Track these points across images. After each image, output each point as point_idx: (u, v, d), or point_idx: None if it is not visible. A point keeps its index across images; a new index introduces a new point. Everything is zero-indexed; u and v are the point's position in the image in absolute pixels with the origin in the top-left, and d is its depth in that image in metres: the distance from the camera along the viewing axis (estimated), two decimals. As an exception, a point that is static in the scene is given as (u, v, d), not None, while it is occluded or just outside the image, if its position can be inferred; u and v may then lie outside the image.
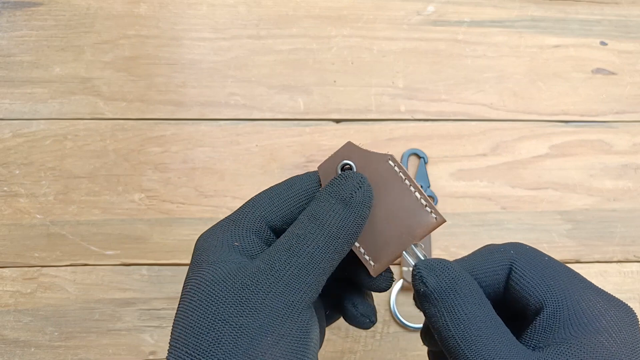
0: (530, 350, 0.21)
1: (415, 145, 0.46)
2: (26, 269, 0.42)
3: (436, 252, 0.44)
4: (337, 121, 0.47)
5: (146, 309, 0.42)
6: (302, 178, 0.26)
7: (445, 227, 0.44)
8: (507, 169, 0.46)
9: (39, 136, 0.45)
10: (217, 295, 0.21)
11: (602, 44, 0.50)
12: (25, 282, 0.42)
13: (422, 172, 0.45)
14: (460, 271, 0.23)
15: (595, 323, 0.21)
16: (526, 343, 0.22)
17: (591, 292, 0.22)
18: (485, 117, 0.47)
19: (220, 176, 0.45)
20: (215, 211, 0.44)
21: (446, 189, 0.46)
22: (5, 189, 0.44)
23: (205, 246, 0.24)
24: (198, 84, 0.47)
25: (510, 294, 0.24)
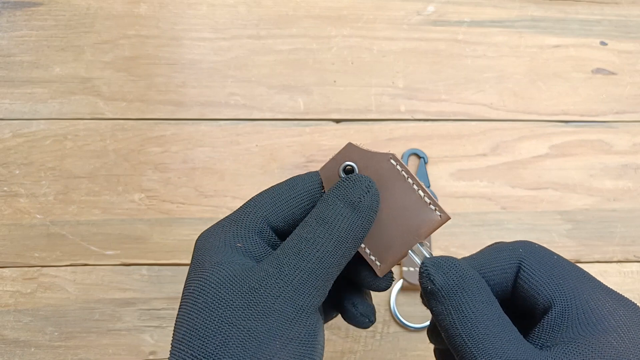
0: (537, 349, 0.21)
1: (415, 145, 0.46)
2: (26, 269, 0.42)
3: (436, 252, 0.44)
4: (337, 121, 0.47)
5: (146, 309, 0.42)
6: (304, 178, 0.25)
7: (445, 227, 0.44)
8: (507, 169, 0.46)
9: (39, 136, 0.45)
10: (223, 297, 0.21)
11: (602, 44, 0.50)
12: (25, 282, 0.42)
13: (422, 172, 0.45)
14: (468, 269, 0.23)
15: (604, 322, 0.21)
16: (533, 342, 0.22)
17: (600, 292, 0.22)
18: (485, 117, 0.47)
19: (220, 176, 0.45)
20: (215, 211, 0.44)
21: (446, 189, 0.46)
22: (5, 189, 0.44)
23: (206, 246, 0.23)
24: (198, 84, 0.47)
25: (519, 292, 0.24)
